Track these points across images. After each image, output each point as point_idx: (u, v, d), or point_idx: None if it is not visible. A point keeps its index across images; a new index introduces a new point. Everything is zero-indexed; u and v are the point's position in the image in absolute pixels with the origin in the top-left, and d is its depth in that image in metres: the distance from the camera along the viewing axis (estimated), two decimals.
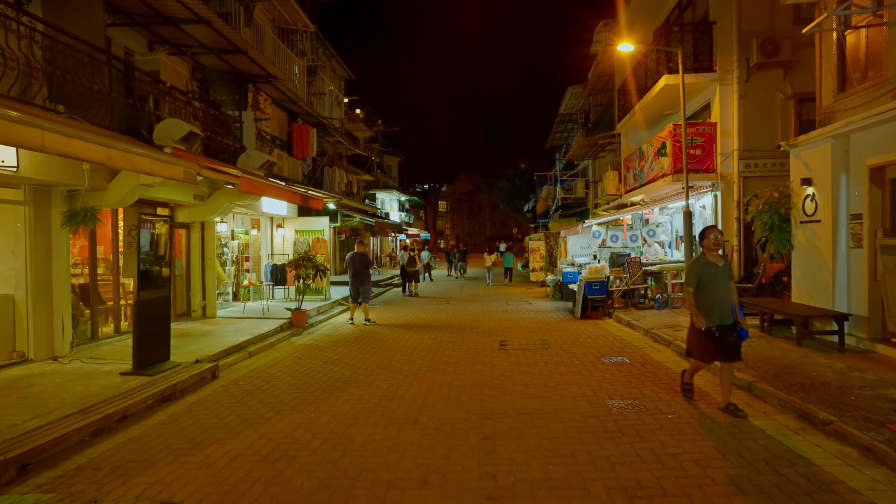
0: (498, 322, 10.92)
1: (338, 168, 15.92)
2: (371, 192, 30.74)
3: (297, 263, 10.43)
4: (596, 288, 10.83)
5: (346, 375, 6.64)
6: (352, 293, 11.18)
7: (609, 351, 7.60)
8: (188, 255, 10.31)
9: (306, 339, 9.40)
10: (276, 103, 12.00)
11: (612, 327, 9.76)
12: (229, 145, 9.99)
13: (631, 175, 14.52)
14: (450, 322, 11.12)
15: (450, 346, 8.36)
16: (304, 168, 13.24)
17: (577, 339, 8.69)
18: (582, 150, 18.61)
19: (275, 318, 10.54)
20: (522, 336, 9.15)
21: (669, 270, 11.19)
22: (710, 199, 11.33)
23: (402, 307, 14.13)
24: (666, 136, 11.25)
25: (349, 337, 9.56)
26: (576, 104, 22.81)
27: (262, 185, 7.52)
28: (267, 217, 13.84)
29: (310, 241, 13.90)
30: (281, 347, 8.67)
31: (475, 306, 13.89)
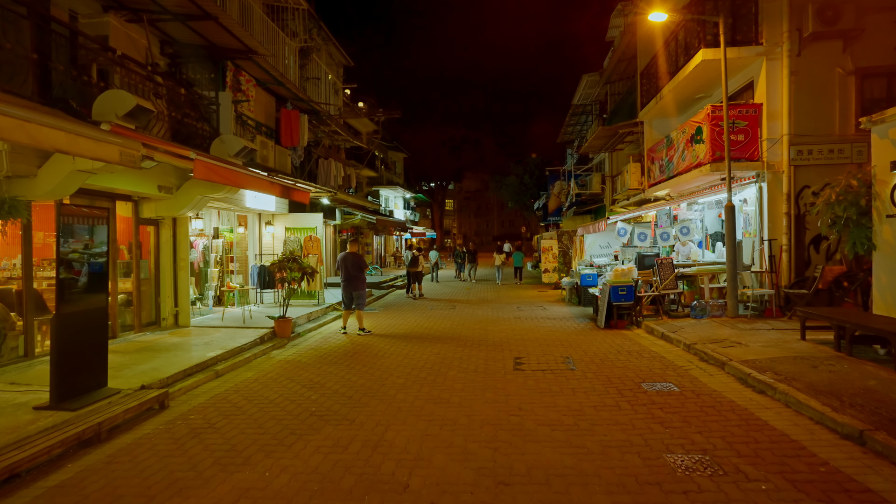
0: (510, 332, 9.58)
1: (334, 161, 14.65)
2: (374, 188, 29.48)
3: (281, 265, 9.14)
4: (623, 293, 9.46)
5: (324, 407, 5.33)
6: (344, 299, 9.89)
7: (649, 374, 6.23)
8: (157, 255, 9.06)
9: (289, 354, 8.11)
10: (260, 85, 10.74)
11: (645, 340, 8.38)
12: (203, 130, 8.72)
13: (656, 167, 13.11)
14: (455, 331, 9.79)
15: (454, 365, 7.03)
16: (295, 159, 11.97)
17: (605, 355, 7.33)
18: (599, 142, 17.21)
19: (256, 327, 9.27)
20: (540, 351, 7.81)
21: (705, 273, 9.78)
22: (752, 192, 9.92)
23: (402, 312, 12.82)
24: (702, 119, 9.84)
25: (338, 351, 8.26)
26: (591, 94, 21.39)
27: (227, 172, 6.25)
28: (254, 213, 12.58)
29: (301, 240, 12.62)
30: (257, 364, 7.39)
31: (484, 312, 12.56)
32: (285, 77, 10.62)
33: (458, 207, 75.12)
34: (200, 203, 8.66)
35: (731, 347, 6.81)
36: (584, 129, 25.98)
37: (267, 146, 10.14)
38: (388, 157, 33.36)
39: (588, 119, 24.94)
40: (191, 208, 8.62)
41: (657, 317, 9.70)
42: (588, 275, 12.94)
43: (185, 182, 8.38)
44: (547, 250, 20.34)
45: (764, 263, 9.40)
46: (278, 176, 9.74)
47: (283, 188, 7.65)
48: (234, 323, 9.67)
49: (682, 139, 11.08)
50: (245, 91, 9.90)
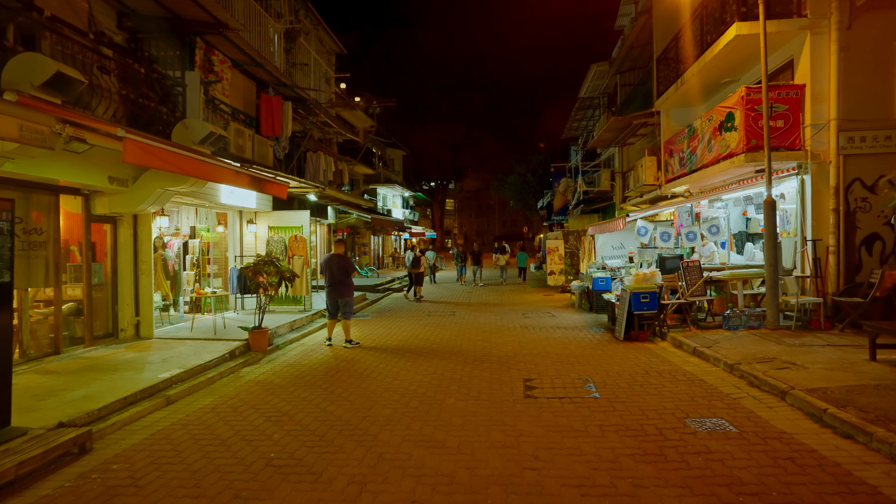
0: (517, 345, 8.43)
1: (324, 154, 13.51)
2: (372, 187, 28.36)
3: (256, 269, 8.01)
4: (645, 301, 8.31)
5: (287, 452, 4.19)
6: (329, 307, 8.75)
7: (692, 404, 5.08)
8: (114, 257, 7.93)
9: (261, 372, 6.97)
10: (237, 67, 9.61)
11: (674, 356, 7.22)
12: (166, 114, 7.59)
13: (675, 160, 11.95)
14: (455, 344, 8.65)
15: (453, 390, 5.88)
16: (278, 150, 10.83)
17: (632, 377, 6.18)
18: (609, 135, 16.08)
19: (228, 339, 8.14)
20: (554, 370, 6.66)
21: (739, 278, 8.63)
22: (792, 186, 8.77)
23: (397, 319, 11.68)
24: (735, 103, 8.69)
25: (319, 368, 7.12)
26: (599, 85, 20.24)
27: (172, 157, 5.09)
28: (234, 211, 11.45)
29: (285, 241, 11.49)
30: (220, 387, 6.25)
31: (486, 319, 11.41)
32: (263, 57, 9.49)
33: (458, 207, 74.00)
34: (162, 197, 7.53)
35: (787, 369, 5.66)
36: (591, 125, 24.84)
37: (243, 135, 9.01)
38: (386, 154, 32.24)
39: (595, 113, 23.80)
40: (151, 203, 7.49)
41: (684, 327, 8.55)
42: (601, 278, 11.79)
43: (142, 173, 7.25)
44: (553, 251, 19.18)
45: (807, 267, 8.25)
46: (254, 167, 8.61)
47: (252, 180, 6.51)
48: (204, 334, 8.54)
49: (707, 128, 9.93)
50: (219, 73, 8.78)
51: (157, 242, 10.63)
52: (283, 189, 7.50)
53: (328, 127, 14.38)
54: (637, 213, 10.59)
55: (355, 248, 26.04)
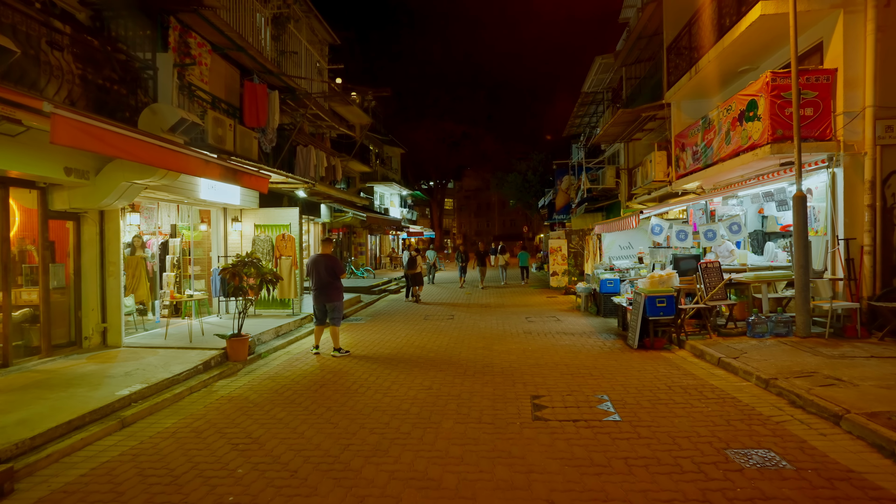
0: (521, 353, 7.71)
1: (316, 149, 12.77)
2: (368, 185, 27.64)
3: (235, 270, 7.27)
4: (661, 305, 7.58)
5: (248, 495, 3.47)
6: (315, 312, 8.03)
7: (729, 430, 4.35)
8: (78, 258, 7.20)
9: (237, 386, 6.24)
10: (217, 51, 8.86)
11: (697, 368, 6.50)
12: (135, 100, 6.86)
13: (688, 154, 11.24)
14: (453, 352, 7.92)
15: (451, 410, 5.15)
16: (264, 143, 10.09)
17: (654, 393, 5.45)
18: (616, 129, 15.37)
19: (204, 347, 7.40)
20: (564, 384, 5.93)
21: (764, 281, 7.91)
22: (821, 180, 8.05)
23: (392, 324, 10.95)
24: (759, 90, 7.97)
25: (302, 381, 6.38)
26: (603, 79, 19.53)
27: (117, 139, 4.32)
28: (218, 208, 10.72)
29: (272, 240, 10.76)
30: (187, 405, 5.52)
31: (487, 323, 10.68)
32: (246, 41, 8.74)
33: (457, 206, 73.26)
34: (130, 192, 6.79)
35: (833, 386, 4.93)
36: (594, 121, 24.14)
37: (223, 125, 8.27)
38: (384, 151, 31.50)
39: (598, 109, 23.10)
40: (117, 198, 6.75)
41: (703, 334, 7.83)
42: (609, 280, 11.07)
43: (105, 164, 6.51)
44: (555, 251, 18.48)
45: (838, 269, 7.54)
46: (233, 159, 7.87)
47: (225, 170, 5.76)
48: (179, 341, 7.80)
49: (725, 119, 9.21)
50: (196, 57, 8.04)
51: (135, 242, 9.93)
52: (262, 182, 6.77)
53: (320, 120, 13.64)
54: (651, 211, 9.87)
55: (351, 247, 25.33)
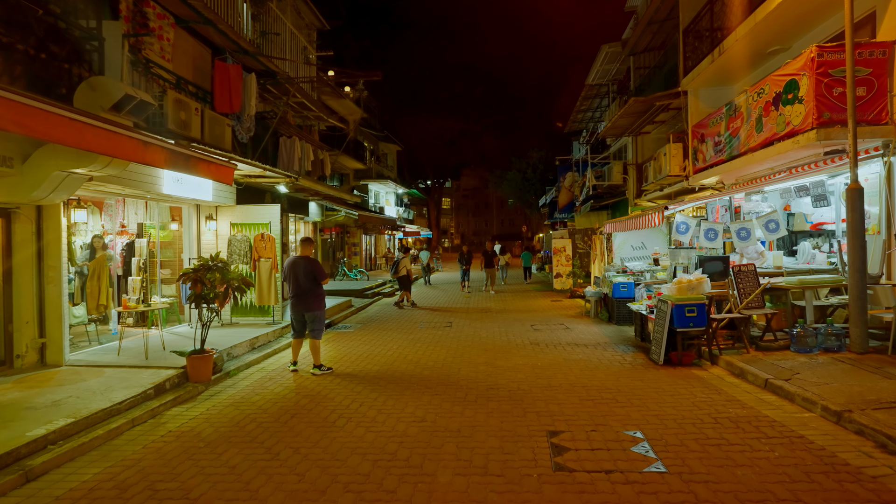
0: (530, 370, 6.68)
1: (301, 141, 11.71)
2: (363, 182, 26.58)
3: (197, 276, 6.22)
4: (691, 315, 6.56)
5: None
6: (293, 323, 6.99)
7: (817, 492, 3.32)
8: (6, 261, 6.13)
9: (192, 416, 5.19)
10: (182, 24, 7.80)
11: (740, 391, 5.47)
12: (75, 74, 5.80)
13: (708, 146, 10.22)
14: (451, 368, 6.88)
15: (448, 454, 4.11)
16: (239, 131, 9.02)
17: (698, 428, 4.43)
18: (625, 121, 14.36)
19: (161, 365, 6.34)
20: (586, 414, 4.90)
21: (810, 286, 6.88)
22: (873, 170, 7.03)
23: (384, 332, 9.90)
24: (801, 68, 6.95)
25: (270, 411, 5.33)
26: (609, 70, 18.51)
27: (16, 111, 3.27)
28: (190, 205, 9.66)
29: (251, 240, 9.70)
30: (123, 445, 4.47)
31: (489, 332, 9.65)
32: (214, 13, 7.68)
33: (455, 206, 72.33)
34: (68, 183, 5.73)
35: None
36: (598, 115, 23.15)
37: (187, 108, 7.20)
38: (379, 148, 30.46)
39: (602, 103, 22.10)
40: (52, 190, 5.68)
41: (739, 348, 6.82)
42: (622, 284, 10.06)
43: (34, 150, 5.44)
44: (559, 251, 17.46)
45: (894, 272, 6.54)
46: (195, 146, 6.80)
47: (172, 155, 4.68)
48: (134, 358, 6.74)
49: (756, 104, 8.20)
50: (155, 29, 6.98)
51: (95, 243, 8.88)
52: (226, 173, 5.73)
53: (307, 110, 12.57)
54: (676, 206, 8.85)
55: (345, 248, 24.26)
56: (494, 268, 17.79)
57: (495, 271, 17.97)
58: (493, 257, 17.72)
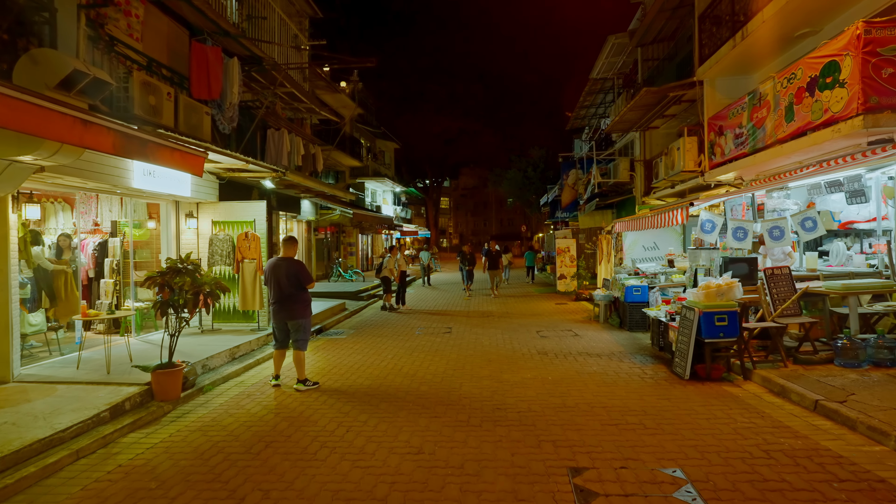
0: (541, 386, 5.94)
1: (290, 133, 10.96)
2: (359, 180, 25.84)
3: (162, 280, 5.47)
4: (721, 324, 5.84)
5: None
6: (275, 332, 6.24)
7: None
8: None
9: (149, 445, 4.44)
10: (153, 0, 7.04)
11: (786, 414, 4.74)
12: (20, 47, 5.04)
13: (728, 139, 9.50)
14: (452, 383, 6.14)
15: (450, 497, 3.38)
16: (221, 121, 8.27)
17: (750, 465, 3.70)
18: (634, 114, 13.64)
19: (123, 382, 5.59)
20: (611, 444, 4.17)
21: (856, 291, 6.15)
22: None
23: (378, 339, 9.15)
24: (843, 47, 6.22)
25: (243, 438, 4.58)
26: (615, 63, 17.79)
27: None
28: (167, 201, 8.91)
29: (233, 239, 8.95)
30: (57, 485, 3.72)
31: (492, 339, 8.91)
32: None
33: (454, 205, 71.61)
34: (11, 174, 4.97)
35: None
36: (601, 112, 22.44)
37: (157, 92, 6.44)
38: (376, 145, 29.72)
39: (606, 99, 21.39)
40: None
41: (775, 361, 6.09)
42: (635, 287, 9.34)
43: None
44: (563, 252, 16.74)
45: None
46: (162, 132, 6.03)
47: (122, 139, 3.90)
48: (95, 372, 5.98)
49: (786, 91, 7.47)
50: (121, 4, 6.24)
51: (62, 241, 8.15)
52: (194, 162, 4.97)
53: (298, 101, 11.81)
54: (701, 203, 8.11)
55: (341, 248, 23.52)
56: (500, 269, 16.53)
57: (500, 273, 16.69)
58: (498, 258, 16.46)
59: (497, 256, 16.21)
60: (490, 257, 16.08)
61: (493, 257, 16.08)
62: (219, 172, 9.04)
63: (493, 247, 16.82)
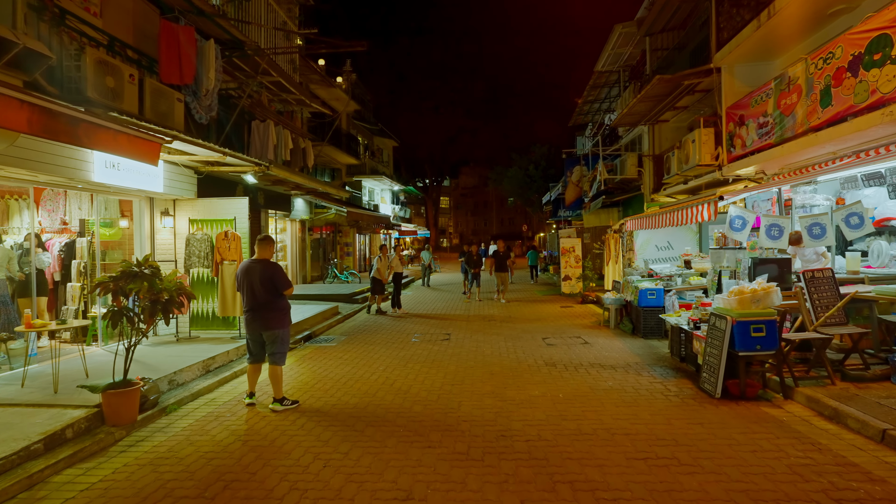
0: (551, 406, 5.19)
1: (276, 125, 10.21)
2: (356, 178, 25.10)
3: (116, 287, 4.72)
4: (759, 335, 5.09)
5: None
6: (249, 345, 5.50)
7: None
8: None
9: (87, 485, 3.70)
10: None
11: (845, 444, 3.99)
12: None
13: (750, 129, 8.75)
14: (449, 402, 5.39)
15: None
16: (197, 109, 7.50)
17: None
18: (643, 106, 12.88)
19: (70, 404, 4.84)
20: (643, 491, 3.41)
21: None
22: None
23: (370, 347, 8.39)
24: (894, 19, 5.48)
25: (199, 475, 3.83)
26: (621, 54, 17.02)
27: None
28: (140, 198, 8.17)
29: (212, 239, 8.21)
30: None
31: (494, 347, 8.16)
32: None
33: (454, 205, 70.87)
34: None
35: None
36: (605, 107, 21.69)
37: (117, 74, 5.69)
38: (373, 143, 28.97)
39: (611, 93, 20.63)
40: None
41: (821, 379, 5.33)
42: (650, 290, 8.59)
43: None
44: (567, 252, 16.00)
45: None
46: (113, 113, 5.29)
47: (42, 115, 3.19)
48: (41, 391, 5.23)
49: (821, 73, 6.71)
50: None
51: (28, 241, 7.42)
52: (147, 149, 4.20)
53: (287, 92, 11.05)
54: (731, 197, 7.34)
55: (337, 248, 22.77)
56: (508, 272, 14.86)
57: (508, 276, 14.81)
58: (507, 259, 14.62)
59: (505, 257, 14.54)
60: (497, 258, 14.43)
61: (502, 258, 14.42)
62: (196, 166, 8.31)
63: (502, 246, 14.76)
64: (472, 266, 14.58)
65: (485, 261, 15.18)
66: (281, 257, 17.91)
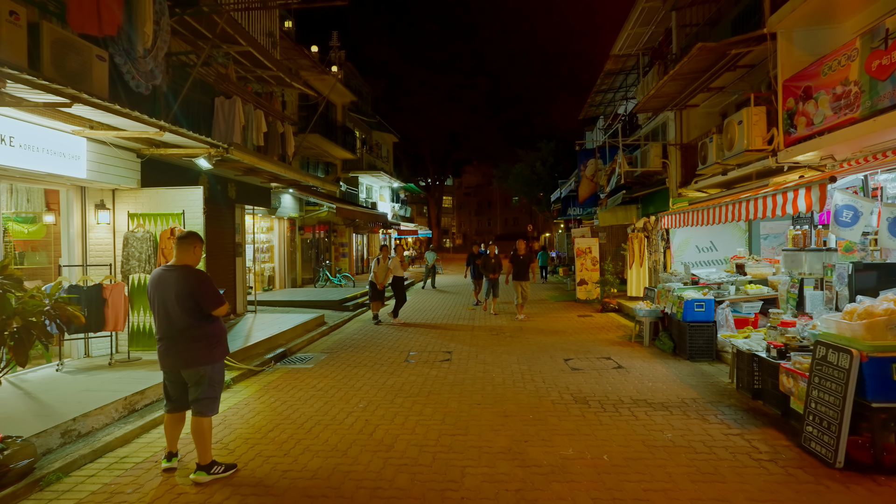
0: (595, 479, 3.57)
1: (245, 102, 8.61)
2: (353, 174, 23.52)
3: None
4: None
5: None
6: (166, 388, 3.89)
7: None
8: None
9: None
10: None
11: None
12: None
13: (821, 103, 7.09)
14: (446, 473, 3.78)
15: None
16: (134, 75, 5.91)
17: None
18: (675, 86, 11.23)
19: None
20: None
21: None
22: None
23: (352, 372, 6.76)
24: None
25: None
26: (642, 34, 15.38)
27: None
28: (67, 186, 6.57)
29: (156, 237, 6.61)
30: None
31: (505, 373, 6.53)
32: None
33: (457, 204, 69.27)
34: None
35: None
36: (619, 96, 20.04)
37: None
38: (371, 137, 27.40)
39: (627, 80, 18.99)
40: None
41: None
42: (697, 302, 6.96)
43: None
44: (583, 253, 14.36)
45: None
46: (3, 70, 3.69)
47: None
48: None
49: None
50: None
51: None
52: None
53: (263, 69, 9.46)
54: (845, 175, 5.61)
55: (332, 248, 21.18)
56: (529, 279, 11.51)
57: (529, 285, 11.57)
58: (530, 263, 11.65)
59: (528, 262, 11.59)
60: (516, 263, 11.50)
61: (520, 263, 11.48)
62: (138, 148, 6.72)
63: (523, 248, 11.59)
64: (490, 271, 12.18)
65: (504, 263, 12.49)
66: (268, 259, 16.33)
